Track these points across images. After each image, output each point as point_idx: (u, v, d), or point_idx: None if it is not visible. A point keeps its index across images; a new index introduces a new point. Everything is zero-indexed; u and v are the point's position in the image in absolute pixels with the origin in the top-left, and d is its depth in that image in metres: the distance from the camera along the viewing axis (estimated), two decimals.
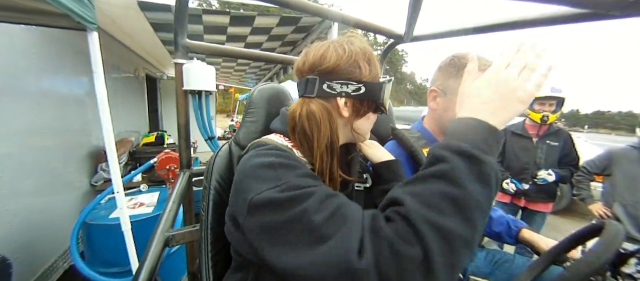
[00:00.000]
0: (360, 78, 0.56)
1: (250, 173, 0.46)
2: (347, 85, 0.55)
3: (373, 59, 0.58)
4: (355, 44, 0.57)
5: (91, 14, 1.07)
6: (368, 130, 0.64)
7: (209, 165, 0.67)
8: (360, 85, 0.55)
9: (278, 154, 0.48)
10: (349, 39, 0.58)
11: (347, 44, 0.57)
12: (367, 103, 0.58)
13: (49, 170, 1.89)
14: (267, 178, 0.43)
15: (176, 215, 0.96)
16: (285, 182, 0.42)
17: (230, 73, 5.08)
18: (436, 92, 0.84)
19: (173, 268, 1.79)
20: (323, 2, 21.82)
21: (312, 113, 0.54)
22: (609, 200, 1.80)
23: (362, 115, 0.59)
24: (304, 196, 0.40)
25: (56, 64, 2.01)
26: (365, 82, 0.56)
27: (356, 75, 0.56)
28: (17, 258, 1.47)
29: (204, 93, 1.22)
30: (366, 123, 0.62)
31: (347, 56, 0.56)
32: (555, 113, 1.84)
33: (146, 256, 0.77)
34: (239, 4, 2.46)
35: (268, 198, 0.41)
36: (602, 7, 0.61)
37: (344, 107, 0.57)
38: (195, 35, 2.50)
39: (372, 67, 0.57)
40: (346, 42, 0.57)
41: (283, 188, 0.41)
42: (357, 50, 0.57)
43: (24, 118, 1.68)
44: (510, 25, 0.95)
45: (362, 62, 0.56)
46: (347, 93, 0.56)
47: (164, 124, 5.32)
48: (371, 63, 0.57)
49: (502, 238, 1.00)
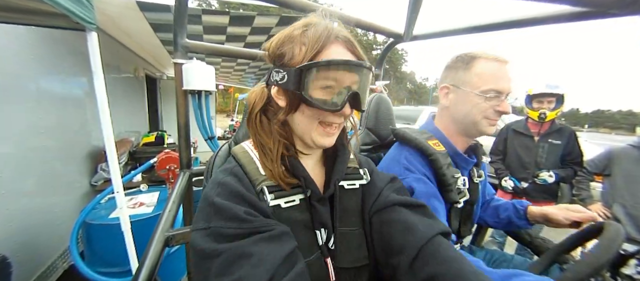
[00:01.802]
0: (288, 63, 0.51)
1: (201, 200, 0.49)
2: (277, 73, 0.52)
3: (310, 36, 0.50)
4: (295, 24, 0.53)
5: (90, 15, 1.07)
6: (308, 128, 0.53)
7: (209, 165, 0.67)
8: (284, 73, 0.50)
9: (222, 186, 0.48)
10: (303, 19, 0.54)
11: (291, 26, 0.53)
12: (292, 94, 0.51)
13: (49, 170, 1.89)
14: (201, 216, 0.46)
15: (176, 215, 0.96)
16: (211, 227, 0.43)
17: (230, 73, 5.08)
18: (448, 89, 0.84)
19: (173, 268, 1.78)
20: (323, 2, 21.82)
21: (250, 101, 0.57)
22: (609, 201, 1.78)
23: (295, 109, 0.52)
24: (213, 254, 0.41)
25: (56, 64, 2.01)
26: (289, 67, 0.50)
27: (285, 60, 0.51)
28: (17, 257, 1.47)
29: (203, 93, 1.22)
30: (303, 119, 0.53)
31: (277, 39, 0.53)
32: (555, 111, 1.80)
33: (146, 256, 0.77)
34: (239, 4, 2.45)
35: (194, 239, 0.45)
36: (602, 6, 0.61)
37: (278, 97, 0.54)
38: (194, 35, 2.50)
39: (308, 47, 0.49)
40: (295, 24, 0.53)
41: (207, 233, 0.43)
42: (289, 31, 0.52)
43: (24, 118, 1.68)
44: (510, 24, 0.95)
45: (292, 45, 0.51)
46: (277, 82, 0.52)
47: (164, 124, 5.32)
48: (306, 43, 0.49)
49: (513, 222, 0.95)
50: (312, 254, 0.51)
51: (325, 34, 0.50)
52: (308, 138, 0.54)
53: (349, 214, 0.58)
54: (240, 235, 0.43)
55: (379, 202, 0.57)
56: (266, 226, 0.44)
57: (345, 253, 0.55)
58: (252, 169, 0.54)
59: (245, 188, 0.49)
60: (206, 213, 0.45)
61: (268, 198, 0.50)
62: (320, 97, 0.49)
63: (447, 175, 0.77)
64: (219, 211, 0.44)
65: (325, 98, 0.50)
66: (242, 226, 0.43)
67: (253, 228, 0.43)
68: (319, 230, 0.53)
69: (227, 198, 0.46)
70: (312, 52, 0.48)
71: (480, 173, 0.93)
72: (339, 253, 0.54)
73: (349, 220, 0.58)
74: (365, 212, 0.59)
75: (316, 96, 0.49)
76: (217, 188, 0.48)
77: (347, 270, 0.54)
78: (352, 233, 0.57)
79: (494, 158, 2.11)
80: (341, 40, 0.51)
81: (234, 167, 0.54)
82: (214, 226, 0.43)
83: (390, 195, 0.57)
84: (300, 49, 0.50)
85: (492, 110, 0.76)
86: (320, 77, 0.49)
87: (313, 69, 0.48)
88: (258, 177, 0.52)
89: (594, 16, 0.74)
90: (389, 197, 0.57)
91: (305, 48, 0.49)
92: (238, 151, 0.58)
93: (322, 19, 0.53)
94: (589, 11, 0.74)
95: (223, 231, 0.43)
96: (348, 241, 0.56)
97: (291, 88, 0.49)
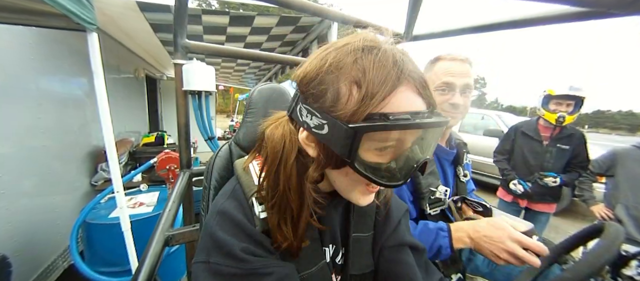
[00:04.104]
0: (330, 109, 0.35)
1: (203, 227, 0.46)
2: (311, 115, 0.37)
3: (371, 75, 0.33)
4: (343, 47, 0.36)
5: (90, 15, 1.07)
6: (348, 188, 0.41)
7: (209, 165, 0.67)
8: (324, 122, 0.35)
9: (221, 215, 0.43)
10: (348, 37, 0.38)
11: (333, 47, 0.38)
12: (333, 153, 0.36)
13: (49, 170, 1.89)
14: (202, 246, 0.43)
15: (176, 214, 0.96)
16: (210, 262, 0.40)
17: (230, 73, 5.09)
18: None
19: (173, 267, 1.79)
20: (323, 2, 21.81)
21: (274, 142, 0.42)
22: (611, 201, 1.78)
23: (334, 166, 0.38)
24: None
25: (56, 65, 2.01)
26: (333, 117, 0.34)
27: (326, 103, 0.35)
28: (17, 257, 1.47)
29: (203, 94, 1.22)
30: (343, 180, 0.41)
31: (314, 65, 0.37)
32: (573, 115, 1.70)
33: (146, 255, 0.77)
34: (239, 4, 2.46)
35: (195, 270, 0.41)
36: (602, 6, 0.61)
37: (307, 144, 0.40)
38: (194, 35, 2.50)
39: (367, 93, 0.33)
40: (338, 43, 0.38)
41: (206, 267, 0.40)
42: (334, 55, 0.36)
43: (25, 118, 1.68)
44: (510, 24, 0.95)
45: (338, 83, 0.35)
46: (308, 126, 0.38)
47: (164, 124, 5.32)
48: (364, 85, 0.33)
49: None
50: (316, 264, 0.47)
51: (394, 72, 0.33)
52: (345, 195, 0.43)
53: (365, 218, 0.55)
54: (237, 275, 0.39)
55: (394, 238, 0.56)
56: (264, 268, 0.40)
57: (357, 259, 0.53)
58: (246, 180, 0.47)
59: (246, 215, 0.44)
60: (205, 245, 0.43)
61: (257, 211, 0.43)
62: (373, 160, 0.36)
63: (422, 184, 0.82)
64: (217, 246, 0.41)
65: (381, 161, 0.36)
66: (238, 266, 0.39)
67: (251, 270, 0.39)
68: (327, 246, 0.50)
69: (226, 230, 0.42)
70: (374, 104, 0.33)
71: (466, 173, 0.96)
72: (350, 261, 0.52)
73: (364, 224, 0.55)
74: (379, 214, 0.57)
75: (368, 159, 0.35)
76: (216, 217, 0.44)
77: (354, 277, 0.53)
78: (366, 239, 0.55)
79: (500, 158, 2.07)
80: (413, 81, 0.35)
81: (234, 188, 0.48)
82: (212, 262, 0.40)
83: (406, 235, 0.57)
84: (350, 90, 0.34)
85: (446, 104, 0.82)
86: (380, 138, 0.34)
87: (373, 132, 0.33)
88: (252, 188, 0.46)
89: (594, 16, 0.74)
90: (405, 236, 0.56)
91: (360, 91, 0.33)
92: (238, 167, 0.52)
93: (380, 38, 0.38)
94: (589, 11, 0.74)
95: (221, 269, 0.39)
96: (361, 247, 0.54)
97: (336, 150, 0.35)
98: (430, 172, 0.84)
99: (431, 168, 0.84)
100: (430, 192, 0.83)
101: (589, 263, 0.54)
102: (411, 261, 0.54)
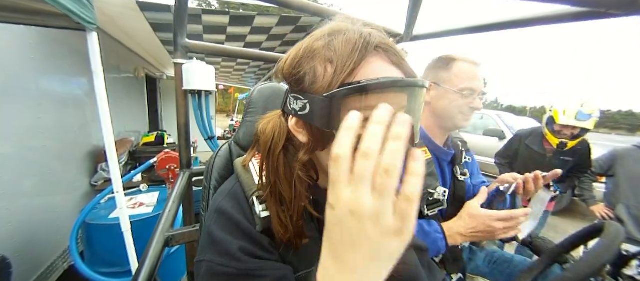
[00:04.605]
0: (309, 89, 0.38)
1: (205, 226, 0.46)
2: (296, 100, 0.40)
3: (339, 48, 0.37)
4: (315, 34, 0.40)
5: (90, 15, 1.07)
6: None
7: (209, 165, 0.67)
8: (306, 101, 0.38)
9: (219, 213, 0.44)
10: (323, 27, 0.41)
11: (308, 37, 0.41)
12: (317, 130, 0.38)
13: (49, 170, 1.89)
14: (201, 244, 0.44)
15: (176, 215, 0.96)
16: (206, 261, 0.41)
17: (230, 73, 5.09)
18: (430, 86, 0.88)
19: (173, 268, 1.78)
20: (323, 2, 21.82)
21: (266, 134, 0.45)
22: (612, 201, 1.78)
23: (322, 146, 0.40)
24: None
25: (56, 65, 2.01)
26: (312, 95, 0.37)
27: (305, 84, 0.39)
28: (17, 257, 1.47)
29: (203, 93, 1.22)
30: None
31: (293, 55, 0.41)
32: (577, 139, 1.63)
33: (146, 256, 0.77)
34: (239, 4, 2.46)
35: (196, 268, 0.42)
36: (602, 6, 0.61)
37: (297, 130, 0.42)
38: (194, 35, 2.50)
39: (337, 65, 0.36)
40: (313, 33, 0.41)
41: (203, 266, 0.41)
42: (309, 42, 0.40)
43: (24, 118, 1.68)
44: (510, 24, 0.95)
45: (314, 63, 0.38)
46: (295, 112, 0.40)
47: (164, 124, 5.32)
48: (334, 58, 0.37)
49: None
50: (316, 264, 0.47)
51: (361, 43, 0.37)
52: None
53: None
54: (231, 275, 0.39)
55: None
56: (259, 270, 0.39)
57: None
58: (247, 179, 0.48)
59: (244, 214, 0.44)
60: (203, 242, 0.43)
61: (258, 210, 0.43)
62: None
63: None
64: (214, 244, 0.41)
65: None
66: (232, 266, 0.39)
67: (246, 270, 0.39)
68: None
69: (223, 229, 0.42)
70: (344, 72, 0.36)
71: (465, 172, 0.96)
72: None
73: None
74: None
75: None
76: (213, 215, 0.44)
77: None
78: None
79: (502, 161, 2.07)
80: (382, 50, 0.38)
81: (234, 186, 0.48)
82: (208, 260, 0.41)
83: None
84: (325, 68, 0.37)
85: (467, 107, 0.84)
86: (357, 106, 0.34)
87: (347, 96, 0.35)
88: (252, 186, 0.46)
89: (594, 16, 0.74)
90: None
91: (333, 66, 0.37)
92: (238, 165, 0.52)
93: (350, 24, 0.40)
94: (589, 11, 0.74)
95: (215, 268, 0.40)
96: None
97: (317, 123, 0.37)
98: (429, 173, 0.84)
99: (431, 169, 0.84)
100: (429, 193, 0.83)
101: (589, 263, 0.54)
102: (415, 261, 0.54)
